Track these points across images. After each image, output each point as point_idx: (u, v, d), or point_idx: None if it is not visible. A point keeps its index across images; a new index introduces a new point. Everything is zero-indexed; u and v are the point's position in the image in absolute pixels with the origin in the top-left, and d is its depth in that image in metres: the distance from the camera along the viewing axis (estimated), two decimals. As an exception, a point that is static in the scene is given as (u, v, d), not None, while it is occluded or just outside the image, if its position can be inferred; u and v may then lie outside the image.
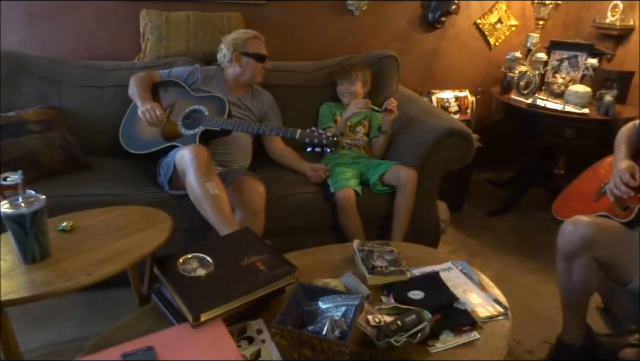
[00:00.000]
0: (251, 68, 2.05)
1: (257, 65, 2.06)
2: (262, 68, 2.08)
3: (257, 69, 2.06)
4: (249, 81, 2.10)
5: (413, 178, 1.92)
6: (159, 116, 1.84)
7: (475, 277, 1.35)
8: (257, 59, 2.05)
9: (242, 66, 2.05)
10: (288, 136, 1.75)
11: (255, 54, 2.04)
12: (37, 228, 1.13)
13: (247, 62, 2.05)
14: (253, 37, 2.07)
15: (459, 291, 1.27)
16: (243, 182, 1.78)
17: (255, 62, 2.05)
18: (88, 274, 1.12)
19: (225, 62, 2.08)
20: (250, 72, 2.06)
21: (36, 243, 1.14)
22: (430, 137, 1.95)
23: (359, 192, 1.93)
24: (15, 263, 1.15)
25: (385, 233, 1.98)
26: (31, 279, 1.10)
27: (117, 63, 2.21)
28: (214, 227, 1.61)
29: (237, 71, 2.06)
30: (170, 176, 1.79)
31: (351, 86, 2.20)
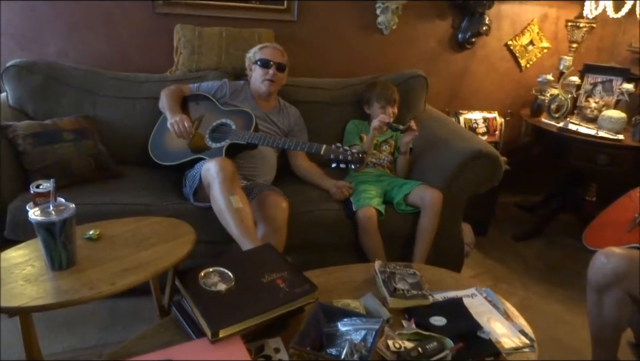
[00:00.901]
0: (256, 74, 2.06)
1: (259, 71, 2.04)
2: (265, 74, 2.03)
3: (259, 75, 2.04)
4: (257, 90, 2.08)
5: (438, 199, 1.90)
6: (187, 128, 1.88)
7: (500, 305, 1.31)
8: (260, 65, 2.04)
9: (253, 74, 2.08)
10: (313, 152, 1.75)
11: (261, 59, 2.04)
12: (65, 236, 1.16)
13: (255, 69, 2.06)
14: (265, 45, 2.08)
15: (483, 319, 1.23)
16: (267, 197, 1.79)
17: (258, 68, 2.04)
18: (112, 283, 1.14)
19: (247, 74, 2.12)
20: (255, 80, 2.06)
21: (64, 251, 1.17)
22: (456, 159, 1.93)
23: (381, 211, 1.92)
24: (43, 270, 1.18)
25: (407, 254, 1.95)
26: (57, 287, 1.12)
27: (149, 75, 2.28)
28: (236, 241, 1.62)
29: (251, 80, 2.10)
30: (196, 188, 1.81)
31: (395, 109, 2.20)
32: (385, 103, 2.18)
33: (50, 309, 1.07)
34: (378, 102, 2.19)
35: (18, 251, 1.26)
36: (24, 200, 1.71)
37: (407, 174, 2.13)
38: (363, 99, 2.28)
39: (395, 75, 2.42)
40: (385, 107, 2.18)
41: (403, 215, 1.96)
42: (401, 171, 2.14)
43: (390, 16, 2.57)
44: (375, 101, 2.20)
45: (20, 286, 1.11)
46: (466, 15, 2.66)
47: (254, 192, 1.82)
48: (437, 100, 2.72)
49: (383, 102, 2.18)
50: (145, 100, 2.18)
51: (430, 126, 2.26)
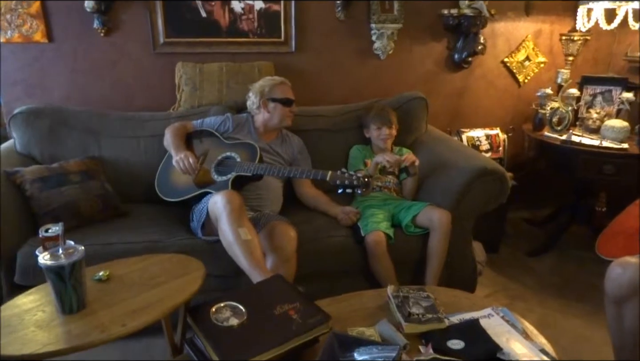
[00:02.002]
0: (279, 113, 2.11)
1: (284, 109, 2.11)
2: (290, 112, 2.13)
3: (284, 113, 2.11)
4: (277, 125, 2.14)
5: (447, 219, 1.89)
6: (192, 164, 1.90)
7: (518, 324, 1.28)
8: (284, 104, 2.10)
9: (270, 111, 2.11)
10: (319, 178, 1.76)
11: (282, 99, 2.10)
12: (75, 279, 1.16)
13: (275, 107, 2.10)
14: (279, 82, 2.13)
15: (502, 340, 1.20)
16: (275, 227, 1.79)
17: (282, 107, 2.10)
18: (123, 325, 1.13)
19: (254, 109, 2.14)
20: (278, 117, 2.11)
21: (74, 294, 1.16)
22: (462, 178, 1.92)
23: (390, 235, 1.90)
24: (54, 314, 1.17)
25: (419, 276, 1.93)
26: (68, 331, 1.12)
27: (153, 114, 2.31)
28: (246, 273, 1.61)
29: (266, 116, 2.12)
30: (203, 222, 1.82)
31: (392, 130, 2.21)
32: (380, 124, 2.19)
33: (62, 354, 1.06)
34: (374, 123, 2.21)
35: (28, 296, 1.26)
36: (33, 245, 1.72)
37: (415, 196, 2.13)
38: (362, 123, 2.30)
39: (395, 98, 2.44)
40: (380, 128, 2.20)
41: (412, 237, 1.95)
42: (409, 193, 2.14)
43: (386, 41, 2.62)
44: (372, 123, 2.23)
45: (31, 332, 1.10)
46: (461, 36, 2.71)
47: (262, 223, 1.82)
48: (438, 120, 2.74)
49: (378, 123, 2.20)
50: (150, 138, 2.21)
51: (433, 146, 2.26)
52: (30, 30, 2.29)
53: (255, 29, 2.48)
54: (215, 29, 2.44)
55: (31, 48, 2.32)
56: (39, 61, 2.35)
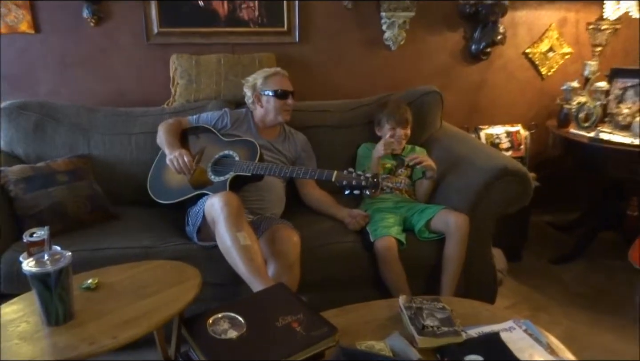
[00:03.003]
0: (273, 106, 2.08)
1: (278, 102, 2.08)
2: (285, 104, 2.10)
3: (279, 106, 2.08)
4: (274, 120, 2.12)
5: (464, 224, 1.88)
6: (187, 163, 1.90)
7: (542, 338, 1.27)
8: (277, 96, 2.07)
9: (264, 105, 2.10)
10: (324, 179, 1.75)
11: (276, 91, 2.07)
12: (62, 287, 1.15)
13: (268, 100, 2.09)
14: (272, 73, 2.11)
15: (525, 355, 1.19)
16: (276, 231, 1.78)
17: (276, 100, 2.07)
18: (113, 337, 1.13)
19: (250, 104, 2.14)
20: (273, 111, 2.09)
21: (60, 304, 1.16)
22: (481, 178, 1.91)
23: (402, 240, 1.89)
24: (39, 325, 1.17)
25: (434, 286, 1.92)
26: (54, 343, 1.11)
27: (145, 109, 2.32)
28: (245, 281, 1.60)
29: (262, 112, 2.11)
30: (199, 225, 1.82)
31: (407, 130, 2.20)
32: (395, 124, 2.18)
33: (47, 368, 1.06)
34: (388, 123, 2.20)
35: (12, 306, 1.26)
36: (17, 250, 1.73)
37: (430, 198, 2.12)
38: (374, 120, 2.30)
39: (407, 92, 2.44)
40: (395, 128, 2.18)
41: (426, 243, 1.94)
42: (423, 195, 2.13)
43: (397, 31, 2.61)
44: (386, 122, 2.21)
45: (15, 345, 1.10)
46: (478, 25, 2.69)
47: (263, 227, 1.82)
48: (455, 116, 2.72)
49: (393, 123, 2.18)
50: (142, 135, 2.22)
51: (449, 144, 2.25)
52: (16, 20, 2.30)
53: (256, 18, 2.48)
54: (213, 18, 2.44)
55: (16, 39, 2.33)
56: (25, 53, 2.36)
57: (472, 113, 2.88)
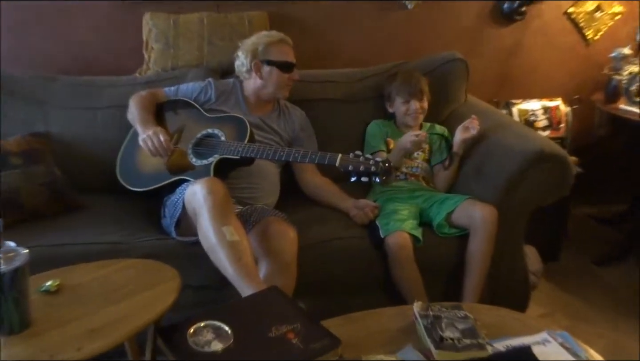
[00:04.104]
0: (275, 80, 2.09)
1: (282, 76, 2.09)
2: (289, 79, 2.11)
3: (282, 80, 2.10)
4: (272, 95, 2.14)
5: (491, 217, 1.88)
6: (164, 144, 1.89)
7: (582, 353, 1.28)
8: (282, 69, 2.08)
9: (264, 77, 2.10)
10: (326, 163, 1.75)
11: (280, 62, 2.08)
12: (17, 291, 1.16)
13: (270, 72, 2.09)
14: (277, 40, 2.11)
15: (560, 373, 1.21)
16: (269, 225, 1.79)
17: (279, 73, 2.09)
18: (78, 349, 1.13)
19: (244, 72, 2.13)
20: (273, 85, 2.10)
21: (15, 310, 1.17)
22: (512, 164, 1.91)
23: (418, 236, 1.90)
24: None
25: (455, 291, 1.93)
26: (8, 356, 1.12)
27: (114, 79, 2.32)
28: (232, 284, 1.61)
29: (258, 83, 2.11)
30: (178, 218, 1.82)
31: (423, 103, 2.20)
32: (408, 97, 2.18)
33: (0, 385, 1.07)
34: (400, 96, 2.20)
35: (-42, 311, 1.27)
36: (-37, 245, 1.74)
37: (452, 186, 2.13)
38: (384, 94, 2.29)
39: (426, 60, 2.43)
40: (409, 101, 2.18)
41: (447, 240, 1.94)
42: (445, 182, 2.13)
43: (415, -14, 2.60)
44: (397, 95, 2.21)
45: (-39, 357, 1.12)
46: (512, -21, 2.68)
47: (253, 219, 1.83)
48: (482, 88, 2.71)
49: (406, 95, 2.18)
50: (110, 110, 2.22)
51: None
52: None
53: (245, -32, 2.47)
54: (194, -32, 2.43)
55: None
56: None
57: (503, 85, 2.87)
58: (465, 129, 2.04)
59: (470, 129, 2.03)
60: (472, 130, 2.02)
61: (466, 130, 2.04)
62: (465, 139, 2.05)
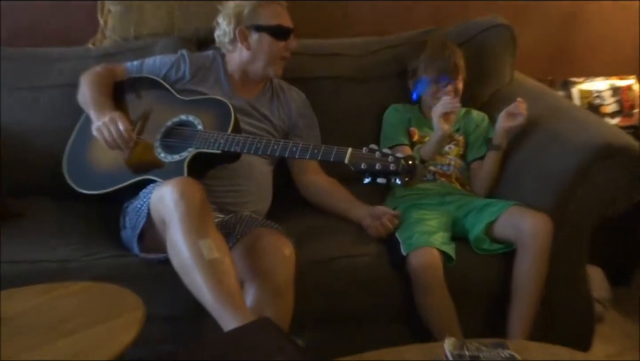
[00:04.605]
0: (266, 50, 2.09)
1: (275, 44, 2.08)
2: (285, 49, 2.11)
3: (275, 51, 2.09)
4: (263, 72, 2.13)
5: (544, 229, 1.88)
6: (124, 133, 1.89)
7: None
8: (275, 35, 2.07)
9: (252, 47, 2.09)
10: (332, 160, 1.75)
11: (273, 26, 2.07)
12: None
13: (259, 40, 2.08)
14: (268, 0, 2.11)
15: None
16: (259, 238, 1.79)
17: (272, 40, 2.08)
18: (13, 397, 1.14)
19: (227, 44, 2.14)
20: (265, 58, 2.10)
21: None
22: (571, 160, 1.91)
23: (450, 254, 1.90)
24: None
25: (498, 323, 1.94)
26: None
27: (61, 51, 2.32)
28: (211, 314, 1.62)
29: (245, 56, 2.11)
30: (142, 229, 1.82)
31: (458, 83, 2.20)
32: (440, 73, 2.18)
33: None
34: (428, 73, 2.20)
35: None
36: None
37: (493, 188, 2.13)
38: (408, 69, 2.29)
39: (459, 27, 2.45)
40: (440, 80, 2.18)
41: (487, 258, 1.95)
42: (483, 184, 2.14)
43: None
44: (424, 72, 2.21)
45: None
46: None
47: (238, 231, 1.83)
48: (533, 63, 2.73)
49: (436, 72, 2.18)
50: (56, 90, 2.23)
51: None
52: None
53: None
54: None
55: None
56: None
57: (559, 59, 2.89)
58: (509, 115, 2.04)
59: (516, 116, 2.03)
60: (518, 117, 2.02)
61: (510, 117, 2.04)
62: (509, 129, 2.05)
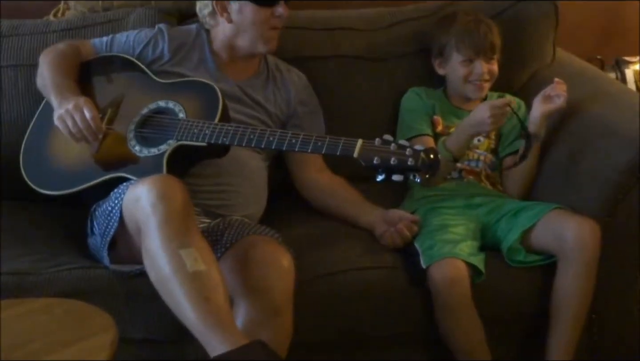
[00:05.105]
0: (250, 21, 2.07)
1: (260, 12, 2.06)
2: (274, 18, 2.09)
3: (261, 20, 2.07)
4: (251, 48, 2.13)
5: (591, 238, 1.89)
6: (91, 122, 1.89)
7: None
8: (257, 1, 2.06)
9: (234, 19, 2.09)
10: (338, 154, 1.74)
11: None
12: None
13: (240, 11, 2.07)
14: None
15: None
16: (252, 247, 1.80)
17: (255, 8, 2.05)
18: None
19: (208, 18, 2.15)
20: (249, 31, 2.09)
21: None
22: (622, 156, 1.92)
23: (478, 267, 1.91)
24: None
25: (534, 349, 1.95)
26: None
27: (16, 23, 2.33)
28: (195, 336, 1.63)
29: (228, 30, 2.12)
30: (113, 236, 1.83)
31: (493, 64, 2.21)
32: (473, 54, 2.18)
33: None
34: (460, 52, 2.20)
35: None
36: None
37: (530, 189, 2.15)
38: (433, 46, 2.30)
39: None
40: (472, 61, 2.19)
41: (522, 272, 1.96)
42: (518, 183, 2.16)
43: None
44: (455, 51, 2.21)
45: None
46: None
47: (227, 239, 1.84)
48: (579, 41, 2.74)
49: (469, 51, 2.18)
50: (10, 70, 2.25)
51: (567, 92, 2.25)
52: None
53: None
54: None
55: None
56: None
57: (610, 36, 2.91)
58: (546, 98, 2.04)
59: (554, 98, 2.03)
60: (557, 99, 2.02)
61: (547, 100, 2.04)
62: (547, 113, 2.05)
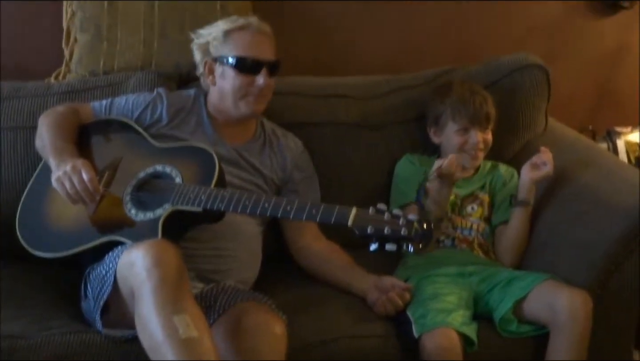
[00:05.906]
0: (231, 87, 2.08)
1: (239, 80, 2.06)
2: (253, 86, 2.07)
3: (240, 87, 2.07)
4: (235, 111, 2.12)
5: (584, 309, 1.87)
6: (89, 185, 1.89)
7: None
8: (239, 67, 2.06)
9: (217, 83, 2.11)
10: (332, 223, 1.74)
11: (236, 57, 2.06)
12: None
13: (222, 75, 2.09)
14: (238, 27, 2.10)
15: None
16: (245, 314, 1.79)
17: (235, 74, 2.06)
18: None
19: (201, 77, 2.19)
20: (230, 95, 2.09)
21: None
22: (614, 227, 1.91)
23: (471, 337, 1.89)
24: None
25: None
26: None
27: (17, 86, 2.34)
28: (186, 405, 1.61)
29: (213, 93, 2.15)
30: (106, 300, 1.82)
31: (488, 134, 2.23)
32: (468, 124, 2.20)
33: None
34: (455, 121, 2.21)
35: None
36: None
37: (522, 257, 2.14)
38: (428, 115, 2.32)
39: (485, 67, 2.47)
40: (468, 130, 2.20)
41: (515, 342, 1.95)
42: (510, 251, 2.15)
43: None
44: (451, 120, 2.22)
45: None
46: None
47: (220, 305, 1.83)
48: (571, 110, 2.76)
49: (465, 121, 2.20)
50: (10, 133, 2.25)
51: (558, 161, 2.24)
52: None
53: None
54: None
55: None
56: None
57: (602, 105, 2.92)
58: (533, 166, 2.06)
59: (541, 166, 2.05)
60: (543, 167, 2.05)
61: (535, 168, 2.06)
62: (535, 180, 2.07)
